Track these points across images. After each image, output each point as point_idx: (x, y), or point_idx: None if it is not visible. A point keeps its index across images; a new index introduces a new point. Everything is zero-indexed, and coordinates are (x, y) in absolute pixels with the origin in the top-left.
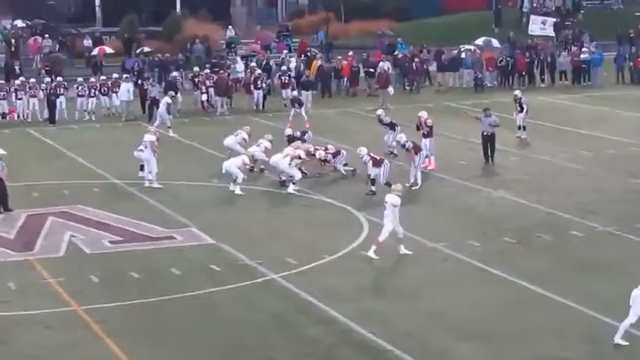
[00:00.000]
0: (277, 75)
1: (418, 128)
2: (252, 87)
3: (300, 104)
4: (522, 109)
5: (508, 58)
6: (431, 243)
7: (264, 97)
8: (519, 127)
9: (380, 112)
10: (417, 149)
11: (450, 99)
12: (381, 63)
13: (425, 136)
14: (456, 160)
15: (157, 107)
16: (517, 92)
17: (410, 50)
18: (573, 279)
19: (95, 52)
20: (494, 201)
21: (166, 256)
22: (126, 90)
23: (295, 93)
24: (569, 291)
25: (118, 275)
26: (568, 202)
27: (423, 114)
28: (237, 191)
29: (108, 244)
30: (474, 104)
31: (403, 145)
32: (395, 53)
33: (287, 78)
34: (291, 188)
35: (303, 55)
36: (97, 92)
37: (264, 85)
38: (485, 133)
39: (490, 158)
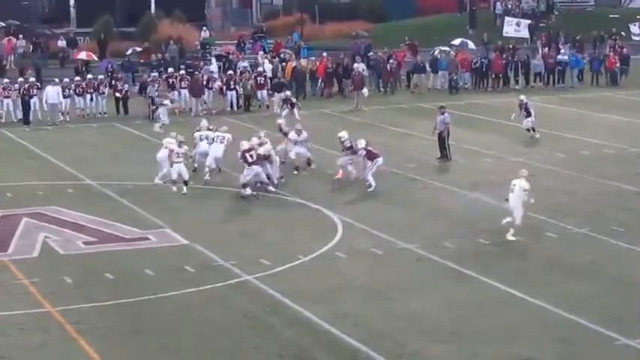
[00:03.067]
0: (253, 76)
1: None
2: (225, 88)
3: (292, 105)
4: (529, 113)
5: (483, 60)
6: (404, 244)
7: (248, 98)
8: (528, 130)
9: (342, 134)
10: (370, 155)
11: (424, 100)
12: (355, 64)
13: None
14: (430, 161)
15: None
16: (522, 97)
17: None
18: (547, 280)
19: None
20: (469, 202)
21: (140, 257)
22: (56, 93)
23: (288, 93)
24: (542, 292)
25: (92, 276)
26: (542, 203)
27: (343, 134)
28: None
29: (82, 245)
30: (449, 106)
31: (359, 148)
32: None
33: (263, 79)
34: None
35: (277, 57)
36: (71, 92)
37: (237, 86)
38: (440, 131)
39: (447, 154)
